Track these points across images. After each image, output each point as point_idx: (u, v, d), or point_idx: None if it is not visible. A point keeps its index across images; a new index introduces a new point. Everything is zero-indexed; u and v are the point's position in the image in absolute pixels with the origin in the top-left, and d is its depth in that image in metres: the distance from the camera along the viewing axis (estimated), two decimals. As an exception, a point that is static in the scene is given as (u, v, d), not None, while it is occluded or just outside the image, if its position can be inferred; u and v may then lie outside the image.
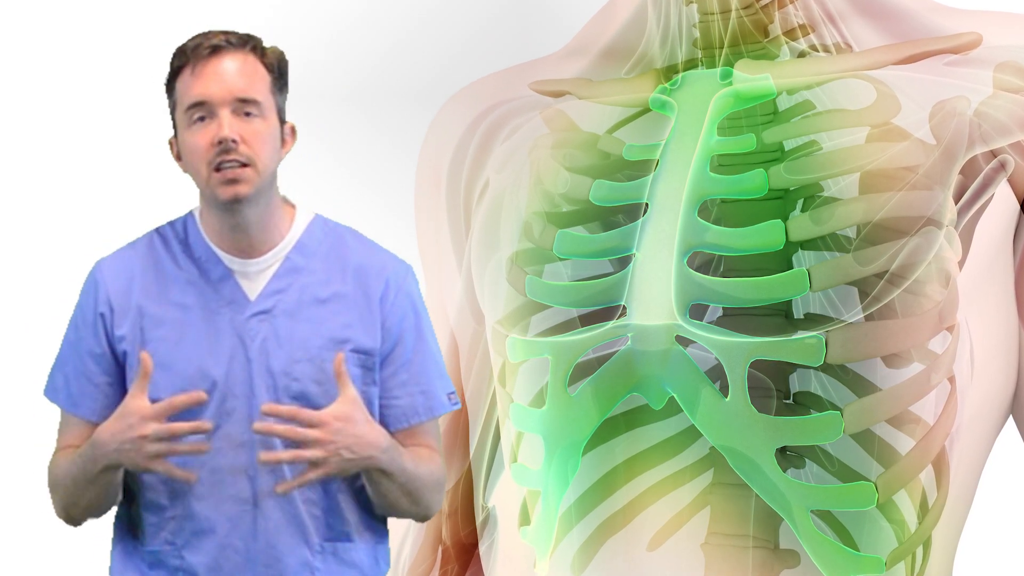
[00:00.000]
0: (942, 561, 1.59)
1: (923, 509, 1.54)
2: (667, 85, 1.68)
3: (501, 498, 1.89)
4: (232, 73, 1.81)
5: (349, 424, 1.77)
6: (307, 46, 1.90)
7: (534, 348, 1.65)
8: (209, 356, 1.81)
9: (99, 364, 1.87)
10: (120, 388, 1.86)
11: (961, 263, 1.56)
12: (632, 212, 1.63)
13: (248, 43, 1.84)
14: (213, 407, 1.80)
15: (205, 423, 1.78)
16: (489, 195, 1.79)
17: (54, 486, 1.86)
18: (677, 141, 1.64)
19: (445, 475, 1.87)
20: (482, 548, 1.91)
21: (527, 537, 1.71)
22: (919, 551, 1.55)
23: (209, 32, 1.86)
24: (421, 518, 1.87)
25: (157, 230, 1.92)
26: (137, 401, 1.77)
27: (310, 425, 1.75)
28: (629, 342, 1.59)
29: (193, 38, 1.86)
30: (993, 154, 1.57)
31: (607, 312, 1.61)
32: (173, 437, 1.76)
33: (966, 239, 1.57)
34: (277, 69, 1.86)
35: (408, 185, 2.01)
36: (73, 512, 1.86)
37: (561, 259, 1.65)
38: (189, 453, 1.77)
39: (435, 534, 1.95)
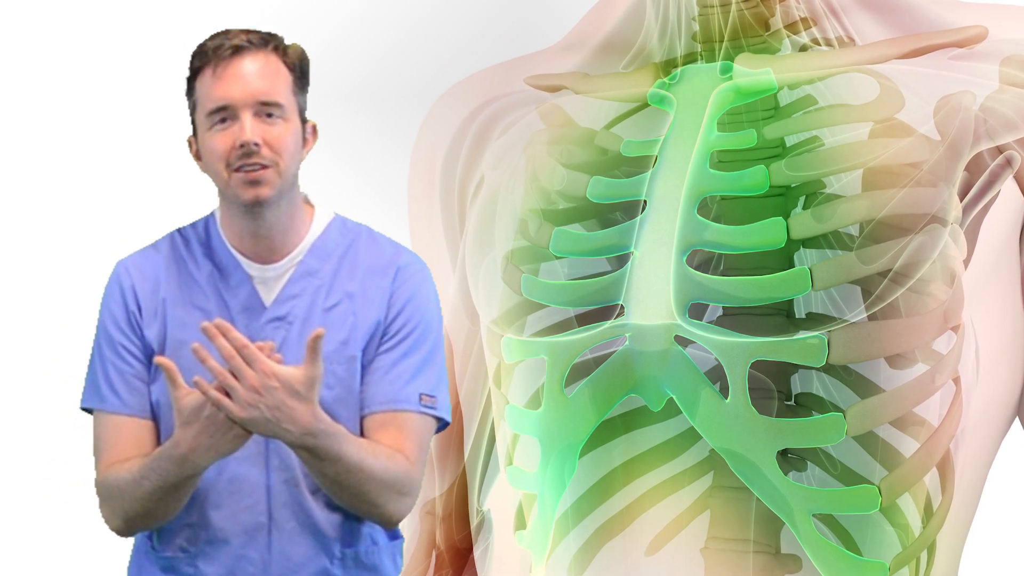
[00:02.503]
0: (947, 566, 1.57)
1: (927, 513, 1.52)
2: (666, 80, 1.66)
3: (496, 502, 1.87)
4: (254, 75, 1.79)
5: (285, 393, 1.71)
6: (307, 45, 1.90)
7: (530, 348, 1.63)
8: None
9: (139, 362, 1.85)
10: (149, 388, 1.85)
11: (966, 261, 1.54)
12: (630, 209, 1.61)
13: (270, 42, 1.82)
14: None
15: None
16: (484, 192, 1.78)
17: (117, 497, 1.79)
18: (676, 137, 1.62)
19: (412, 480, 1.81)
20: (477, 553, 1.89)
21: (523, 541, 1.69)
22: (923, 556, 1.52)
23: (229, 31, 1.83)
24: (380, 519, 1.82)
25: (179, 231, 1.91)
26: (189, 397, 1.72)
27: (247, 361, 1.70)
28: (627, 342, 1.57)
29: (213, 37, 1.83)
30: (999, 150, 1.55)
31: (604, 312, 1.59)
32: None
33: (971, 237, 1.55)
34: (299, 68, 1.84)
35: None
36: (139, 524, 1.81)
37: (557, 257, 1.63)
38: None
39: (429, 538, 1.93)
